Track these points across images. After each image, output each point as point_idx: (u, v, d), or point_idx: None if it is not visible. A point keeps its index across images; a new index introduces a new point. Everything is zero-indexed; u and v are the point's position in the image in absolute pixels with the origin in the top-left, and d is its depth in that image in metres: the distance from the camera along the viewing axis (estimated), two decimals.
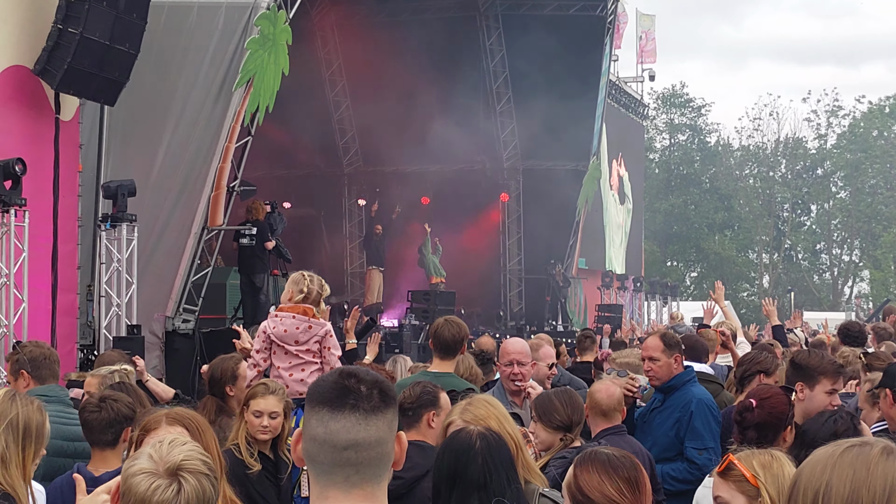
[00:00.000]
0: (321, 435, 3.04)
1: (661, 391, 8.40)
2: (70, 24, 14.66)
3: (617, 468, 4.35)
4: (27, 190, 14.52)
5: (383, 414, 3.08)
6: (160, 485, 3.65)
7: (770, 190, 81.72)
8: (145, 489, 3.65)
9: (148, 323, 18.41)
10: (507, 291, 35.73)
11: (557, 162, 34.08)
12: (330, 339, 8.74)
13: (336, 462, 3.02)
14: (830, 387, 7.02)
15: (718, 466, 4.65)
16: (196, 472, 3.71)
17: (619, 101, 45.15)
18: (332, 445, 3.02)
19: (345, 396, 3.06)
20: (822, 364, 7.14)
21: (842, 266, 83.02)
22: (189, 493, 3.66)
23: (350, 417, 3.03)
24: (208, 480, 3.73)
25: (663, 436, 8.17)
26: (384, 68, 31.49)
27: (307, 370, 8.69)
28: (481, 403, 5.13)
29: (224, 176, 19.53)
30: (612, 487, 4.27)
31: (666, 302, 47.69)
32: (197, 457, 3.76)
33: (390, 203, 32.41)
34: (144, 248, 18.03)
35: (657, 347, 8.42)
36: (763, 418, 6.02)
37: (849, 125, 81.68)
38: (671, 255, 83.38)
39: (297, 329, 8.70)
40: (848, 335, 12.42)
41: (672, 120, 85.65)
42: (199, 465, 3.73)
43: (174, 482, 3.66)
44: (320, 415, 3.06)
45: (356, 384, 3.08)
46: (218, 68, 19.13)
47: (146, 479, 3.66)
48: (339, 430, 3.02)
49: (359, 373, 3.13)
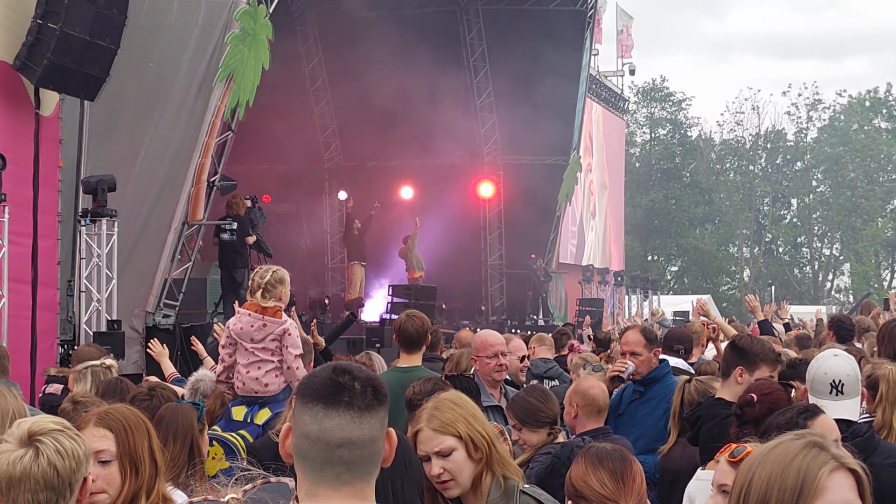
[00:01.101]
0: (314, 432, 3.00)
1: (640, 384, 8.50)
2: (50, 19, 14.62)
3: (603, 460, 4.37)
4: (7, 185, 14.47)
5: (376, 412, 3.06)
6: (18, 456, 3.71)
7: (750, 184, 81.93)
8: (6, 465, 3.71)
9: (128, 318, 18.36)
10: (489, 286, 35.74)
11: (538, 156, 34.14)
12: (288, 338, 8.67)
13: (328, 460, 3.00)
14: (769, 374, 7.06)
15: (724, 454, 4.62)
16: (48, 432, 3.75)
17: (599, 96, 45.19)
18: (325, 443, 2.99)
19: (339, 393, 3.03)
20: (763, 351, 7.20)
21: (822, 260, 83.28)
22: (49, 452, 3.71)
23: (345, 415, 3.00)
24: (65, 436, 3.77)
25: (652, 427, 8.21)
26: (365, 63, 31.45)
27: (263, 368, 8.64)
28: (448, 406, 5.08)
29: (204, 171, 19.53)
30: (596, 479, 4.29)
31: (647, 296, 47.79)
32: (46, 420, 3.82)
33: (370, 198, 32.38)
34: (125, 244, 17.99)
35: (639, 342, 8.54)
36: (764, 413, 6.00)
37: (829, 119, 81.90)
38: (652, 250, 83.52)
39: (251, 327, 8.65)
40: (841, 328, 12.45)
41: (652, 114, 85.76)
42: (49, 425, 3.77)
43: (30, 448, 3.72)
44: (314, 411, 3.02)
45: (350, 381, 3.05)
46: (198, 63, 19.11)
47: (4, 457, 3.72)
48: (333, 428, 2.99)
49: (353, 369, 3.10)
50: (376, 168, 34.40)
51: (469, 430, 4.94)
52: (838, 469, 2.88)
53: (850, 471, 2.90)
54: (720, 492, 4.57)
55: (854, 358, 6.67)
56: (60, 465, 3.71)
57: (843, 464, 2.89)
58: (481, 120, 34.54)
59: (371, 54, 30.90)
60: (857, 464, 2.93)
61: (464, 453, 4.90)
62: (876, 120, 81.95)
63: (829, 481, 2.84)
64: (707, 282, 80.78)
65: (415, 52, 30.18)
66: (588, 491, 4.29)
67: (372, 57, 30.92)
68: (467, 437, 4.93)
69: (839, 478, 2.86)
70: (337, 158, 35.77)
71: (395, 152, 33.41)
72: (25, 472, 3.70)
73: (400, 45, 30.10)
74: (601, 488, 4.27)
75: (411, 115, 31.19)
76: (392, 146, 32.99)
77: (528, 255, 34.88)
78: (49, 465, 3.70)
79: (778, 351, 8.01)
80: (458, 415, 5.00)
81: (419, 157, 33.43)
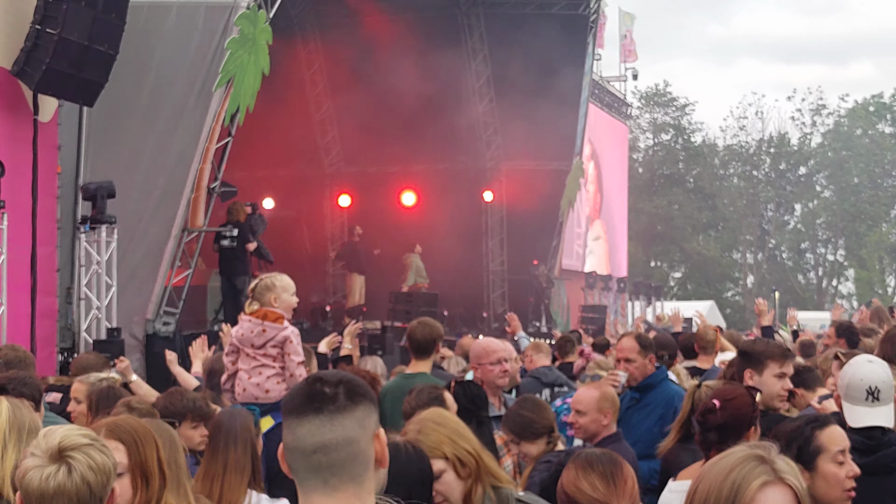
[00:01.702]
0: (290, 442, 3.04)
1: (637, 390, 8.56)
2: (48, 24, 14.57)
3: (593, 464, 4.36)
4: (5, 192, 14.43)
5: (351, 412, 3.05)
6: (50, 472, 3.66)
7: (754, 189, 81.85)
8: (39, 481, 3.66)
9: (128, 326, 18.32)
10: (490, 293, 35.63)
11: (541, 162, 34.05)
12: (289, 345, 8.61)
13: (308, 467, 3.01)
14: (779, 370, 7.08)
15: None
16: (79, 447, 3.71)
17: (602, 101, 45.13)
18: (301, 451, 3.02)
19: (309, 401, 3.05)
20: (768, 349, 7.22)
21: (826, 265, 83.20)
22: (82, 469, 3.68)
23: (314, 420, 3.02)
24: (95, 449, 3.74)
25: (647, 433, 8.22)
26: (365, 68, 31.40)
27: (264, 373, 8.60)
28: (431, 429, 5.06)
29: (204, 177, 19.46)
30: (587, 482, 4.29)
31: (650, 302, 47.71)
32: (75, 433, 3.76)
33: (371, 204, 32.31)
34: (124, 251, 17.95)
35: (633, 349, 8.66)
36: (726, 419, 5.94)
37: (833, 124, 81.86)
38: (655, 256, 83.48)
39: (251, 333, 8.60)
40: (851, 334, 12.43)
41: (655, 119, 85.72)
42: (80, 439, 3.73)
43: (62, 464, 3.67)
44: (288, 422, 3.07)
45: (321, 386, 3.07)
46: (198, 69, 19.05)
47: (36, 473, 3.67)
48: (304, 435, 3.02)
49: (324, 375, 3.13)
50: (378, 174, 34.32)
51: (455, 449, 4.96)
52: (773, 483, 2.88)
53: (788, 486, 2.90)
54: None
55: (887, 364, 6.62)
56: (93, 480, 3.71)
57: (781, 478, 2.90)
58: (483, 125, 34.46)
59: (372, 59, 30.86)
60: (796, 479, 2.93)
61: (453, 473, 4.92)
62: (880, 125, 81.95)
63: (761, 494, 2.86)
64: (710, 288, 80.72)
65: (416, 57, 30.12)
66: (580, 496, 4.28)
67: (373, 62, 30.87)
68: (454, 457, 4.95)
69: (773, 492, 2.88)
70: (338, 164, 35.67)
71: (397, 158, 33.35)
72: (60, 489, 3.67)
73: (401, 50, 30.05)
74: (592, 491, 4.26)
75: (413, 120, 31.15)
76: (393, 152, 32.93)
77: (530, 262, 34.79)
78: (83, 482, 3.68)
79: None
80: (442, 436, 5.01)
81: (421, 163, 33.38)
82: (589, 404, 7.34)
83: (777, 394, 7.05)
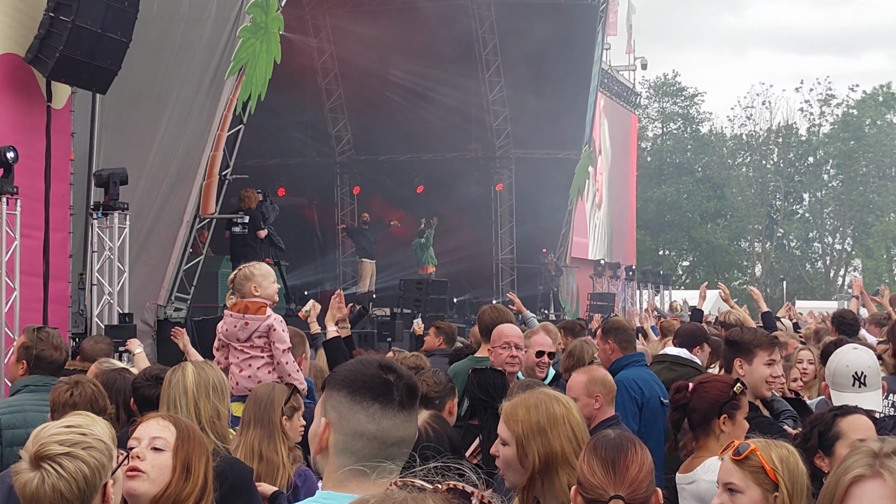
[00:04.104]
0: (372, 431, 3.12)
1: None
2: (62, 12, 14.62)
3: (598, 448, 4.35)
4: (19, 178, 14.49)
5: (417, 411, 3.25)
6: (29, 477, 3.76)
7: (762, 179, 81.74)
8: (21, 484, 3.78)
9: (140, 311, 18.38)
10: (500, 280, 35.70)
11: (550, 151, 34.10)
12: (274, 333, 8.60)
13: (379, 456, 3.12)
14: (768, 358, 7.05)
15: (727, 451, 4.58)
16: (52, 457, 3.77)
17: (611, 90, 45.11)
18: (380, 442, 3.12)
19: (391, 392, 3.15)
20: (756, 337, 7.21)
21: (834, 255, 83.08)
22: (52, 479, 3.74)
23: (399, 415, 3.14)
24: (69, 457, 3.77)
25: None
26: (376, 57, 31.45)
27: (254, 365, 8.59)
28: (521, 404, 5.00)
29: (216, 164, 19.51)
30: (588, 466, 4.29)
31: (658, 291, 47.68)
32: (56, 437, 3.80)
33: (381, 191, 32.37)
34: (136, 237, 18.01)
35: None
36: (694, 403, 5.97)
37: (842, 114, 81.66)
38: (663, 244, 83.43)
39: (235, 327, 8.61)
40: (842, 323, 12.48)
41: (664, 109, 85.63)
42: (54, 448, 3.78)
43: (38, 472, 3.76)
44: (370, 411, 3.13)
45: (398, 380, 3.18)
46: (210, 57, 19.10)
47: (21, 476, 3.79)
48: (389, 428, 3.12)
49: (396, 367, 3.23)
50: (388, 162, 34.41)
51: (524, 438, 4.81)
52: (871, 478, 2.72)
53: (887, 481, 2.71)
54: (726, 490, 4.53)
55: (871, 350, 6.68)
56: (65, 488, 3.74)
57: (880, 473, 2.72)
58: (493, 113, 34.52)
59: (383, 48, 30.89)
60: None
61: (513, 452, 4.84)
62: (889, 115, 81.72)
63: (856, 487, 2.72)
64: (718, 277, 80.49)
65: (426, 46, 30.17)
66: (582, 479, 4.30)
67: (383, 51, 30.91)
68: (520, 441, 4.84)
69: (870, 486, 2.71)
70: (349, 152, 35.74)
71: (407, 146, 33.41)
72: (35, 497, 3.75)
73: (412, 39, 30.09)
74: (591, 476, 4.27)
75: (423, 108, 31.20)
76: (404, 140, 33.01)
77: (539, 250, 34.87)
78: (53, 491, 3.74)
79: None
80: (526, 417, 4.90)
81: (431, 151, 33.46)
82: (578, 389, 7.15)
83: (766, 380, 7.04)
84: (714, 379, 6.25)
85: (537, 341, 9.20)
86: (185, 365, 6.18)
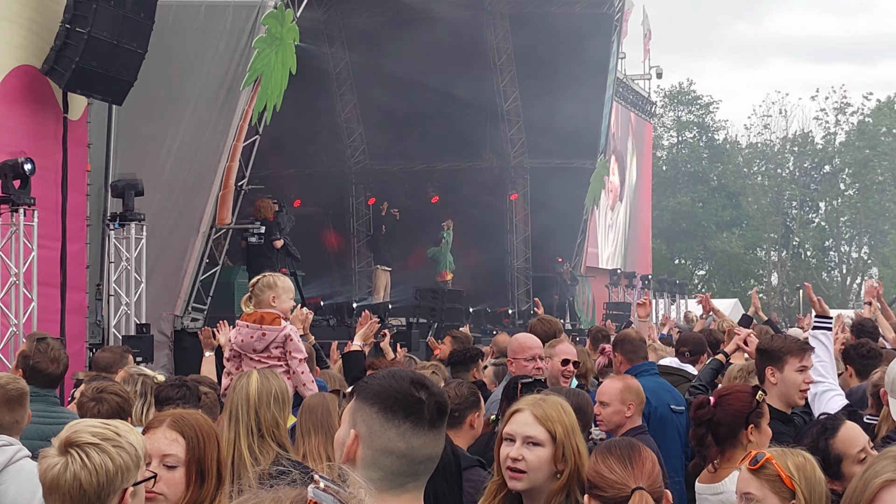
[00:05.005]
0: (402, 449, 3.11)
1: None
2: (78, 23, 14.70)
3: (611, 449, 4.39)
4: (36, 189, 14.56)
5: (445, 427, 3.25)
6: (53, 462, 3.77)
7: (778, 187, 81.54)
8: (42, 469, 3.79)
9: (157, 322, 18.44)
10: (515, 290, 35.66)
11: (565, 160, 34.06)
12: (290, 343, 8.59)
13: (406, 472, 3.12)
14: (799, 364, 6.98)
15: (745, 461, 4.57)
16: (81, 444, 3.77)
17: (626, 99, 45.08)
18: (409, 459, 3.12)
19: (422, 411, 3.15)
20: (786, 344, 7.12)
21: (850, 263, 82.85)
22: (75, 466, 3.74)
23: (429, 434, 3.15)
24: (96, 449, 3.78)
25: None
26: (391, 67, 31.45)
27: None
28: (556, 406, 5.01)
29: (232, 175, 19.57)
30: (605, 466, 4.31)
31: (674, 300, 47.57)
32: (89, 429, 3.82)
33: (396, 202, 32.35)
34: (153, 247, 18.06)
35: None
36: (719, 416, 5.91)
37: (857, 122, 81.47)
38: (679, 253, 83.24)
39: (251, 338, 8.57)
40: (862, 331, 12.43)
41: (679, 117, 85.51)
42: (84, 437, 3.79)
43: (63, 458, 3.76)
44: (402, 429, 3.12)
45: (430, 398, 3.18)
46: (226, 67, 19.17)
47: (45, 462, 3.80)
48: (419, 447, 3.13)
49: (428, 384, 3.22)
50: (402, 171, 34.40)
51: (565, 438, 4.89)
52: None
53: None
54: (744, 499, 4.51)
55: None
56: (85, 478, 3.73)
57: None
58: (508, 123, 34.52)
59: (397, 58, 30.90)
60: None
61: (549, 454, 4.85)
62: None
63: (885, 492, 2.72)
64: (734, 285, 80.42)
65: (441, 56, 30.19)
66: (599, 480, 4.32)
67: (398, 60, 30.92)
68: (561, 441, 4.87)
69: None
70: (363, 162, 35.73)
71: (422, 155, 33.41)
72: (54, 482, 3.75)
73: (426, 49, 30.11)
74: (610, 473, 4.29)
75: (438, 118, 31.20)
76: (418, 149, 32.99)
77: (554, 259, 34.84)
78: (74, 479, 3.73)
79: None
80: (562, 418, 4.93)
81: (445, 161, 33.47)
82: (612, 395, 7.27)
83: (799, 387, 6.98)
84: (734, 390, 6.19)
85: (563, 350, 9.16)
86: (251, 372, 6.30)
